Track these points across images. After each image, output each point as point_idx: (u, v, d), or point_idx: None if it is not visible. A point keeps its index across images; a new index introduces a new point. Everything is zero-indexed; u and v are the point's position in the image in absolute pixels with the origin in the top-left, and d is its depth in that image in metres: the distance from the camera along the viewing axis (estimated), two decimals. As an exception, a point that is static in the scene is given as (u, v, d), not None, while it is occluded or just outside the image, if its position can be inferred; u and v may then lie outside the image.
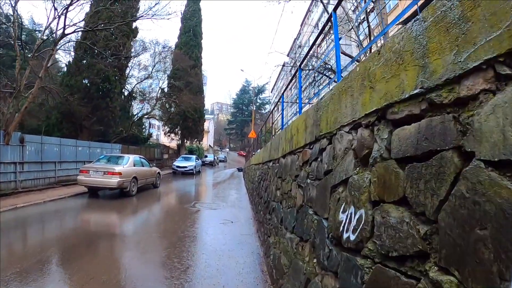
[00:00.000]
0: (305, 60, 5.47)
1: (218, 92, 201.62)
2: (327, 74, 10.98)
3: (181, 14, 36.18)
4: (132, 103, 30.40)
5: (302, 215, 3.42)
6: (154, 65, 29.85)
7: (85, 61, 19.59)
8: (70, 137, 17.51)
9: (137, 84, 29.57)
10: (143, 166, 13.57)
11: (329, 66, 11.21)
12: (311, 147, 3.39)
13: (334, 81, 10.18)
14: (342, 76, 2.96)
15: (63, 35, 12.74)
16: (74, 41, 17.64)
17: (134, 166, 12.62)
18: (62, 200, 11.08)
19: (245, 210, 9.80)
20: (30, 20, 27.94)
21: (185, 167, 25.34)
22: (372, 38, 8.28)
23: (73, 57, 20.60)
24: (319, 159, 3.03)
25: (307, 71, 11.63)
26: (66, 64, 21.78)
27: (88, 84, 18.78)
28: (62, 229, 7.06)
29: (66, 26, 12.99)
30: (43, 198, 10.87)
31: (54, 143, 14.47)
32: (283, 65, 13.97)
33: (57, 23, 12.52)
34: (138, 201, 11.35)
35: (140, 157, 13.91)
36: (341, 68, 3.34)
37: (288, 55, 16.68)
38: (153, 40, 29.65)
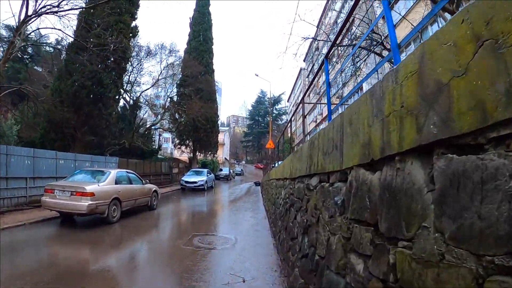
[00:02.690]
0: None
1: (234, 105, 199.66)
2: (376, 51, 7.72)
3: (189, 19, 34.12)
4: (138, 113, 27.90)
5: None
6: (161, 71, 27.34)
7: (77, 64, 17.03)
8: (62, 150, 14.95)
9: (142, 92, 27.07)
10: (131, 183, 10.50)
11: (376, 40, 7.93)
12: None
13: (390, 62, 6.80)
14: None
15: (26, 17, 10.02)
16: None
17: (116, 183, 9.57)
18: (18, 229, 8.13)
19: (265, 249, 6.48)
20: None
21: (195, 182, 22.22)
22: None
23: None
24: None
25: (345, 46, 8.41)
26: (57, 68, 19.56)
27: (78, 87, 16.07)
28: None
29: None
30: (-9, 226, 7.97)
31: (25, 155, 11.65)
32: (314, 39, 10.64)
33: (21, 5, 9.82)
34: (118, 233, 8.28)
35: (127, 172, 10.84)
36: None
37: (317, 26, 13.42)
38: (158, 44, 27.10)
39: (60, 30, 12.65)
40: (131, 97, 26.21)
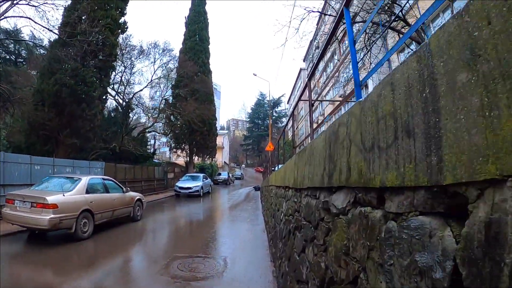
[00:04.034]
0: None
1: (234, 108, 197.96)
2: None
3: (185, 18, 32.95)
4: (131, 115, 26.42)
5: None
6: (154, 71, 25.93)
7: (61, 62, 15.69)
8: (46, 154, 13.63)
9: (135, 93, 25.60)
10: (108, 191, 9.03)
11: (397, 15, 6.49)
12: None
13: (413, 40, 5.32)
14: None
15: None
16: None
17: (88, 192, 8.12)
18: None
19: (262, 281, 4.99)
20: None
21: (190, 188, 20.72)
22: None
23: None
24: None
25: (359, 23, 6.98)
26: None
27: (59, 86, 14.68)
28: None
29: None
30: None
31: (-9, 160, 10.28)
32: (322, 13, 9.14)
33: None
34: (86, 252, 6.84)
35: (103, 179, 9.36)
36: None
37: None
38: (151, 42, 25.71)
39: (29, 18, 11.17)
40: (124, 99, 24.83)
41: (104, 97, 17.88)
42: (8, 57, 26.66)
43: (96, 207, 8.17)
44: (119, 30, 18.84)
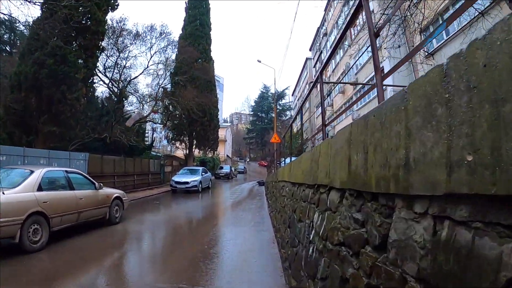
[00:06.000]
0: None
1: (237, 102, 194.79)
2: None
3: (185, 3, 30.88)
4: (125, 103, 24.38)
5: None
6: (151, 56, 23.86)
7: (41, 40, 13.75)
8: (24, 146, 11.75)
9: (130, 80, 23.55)
10: (71, 188, 7.01)
11: None
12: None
13: None
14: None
15: None
16: None
17: (41, 189, 6.13)
18: None
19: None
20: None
21: (187, 183, 18.67)
22: None
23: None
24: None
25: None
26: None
27: (37, 66, 12.75)
28: None
29: None
30: None
31: None
32: None
33: None
34: (24, 272, 4.85)
35: (66, 172, 7.27)
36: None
37: None
38: (148, 26, 23.64)
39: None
40: (118, 86, 22.80)
41: (90, 80, 15.87)
42: (3, 47, 24.99)
43: (52, 209, 6.19)
44: (108, 7, 16.80)
